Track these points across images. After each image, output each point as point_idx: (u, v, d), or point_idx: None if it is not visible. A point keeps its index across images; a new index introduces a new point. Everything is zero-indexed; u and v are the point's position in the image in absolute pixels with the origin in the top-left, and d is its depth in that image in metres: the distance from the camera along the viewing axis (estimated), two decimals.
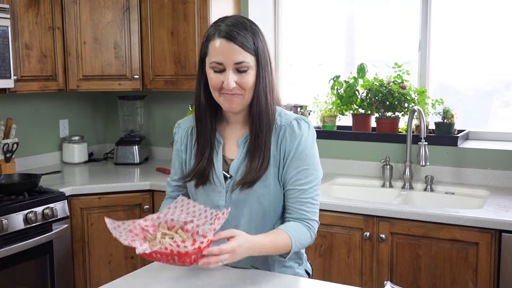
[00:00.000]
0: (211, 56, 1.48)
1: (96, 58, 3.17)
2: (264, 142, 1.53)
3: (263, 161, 1.52)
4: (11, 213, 2.46)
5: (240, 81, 1.47)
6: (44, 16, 2.96)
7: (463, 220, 2.19)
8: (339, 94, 3.12)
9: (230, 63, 1.46)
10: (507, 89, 3.03)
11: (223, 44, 1.45)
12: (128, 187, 2.91)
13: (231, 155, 1.60)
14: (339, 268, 2.46)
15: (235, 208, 1.55)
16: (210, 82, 1.50)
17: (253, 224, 1.57)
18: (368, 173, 3.01)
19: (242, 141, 1.58)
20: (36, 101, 3.35)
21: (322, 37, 3.43)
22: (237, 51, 1.45)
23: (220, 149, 1.59)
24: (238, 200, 1.56)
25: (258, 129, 1.53)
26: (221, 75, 1.47)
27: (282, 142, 1.54)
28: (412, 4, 3.09)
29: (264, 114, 1.52)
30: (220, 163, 1.58)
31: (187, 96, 3.47)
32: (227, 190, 1.57)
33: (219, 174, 1.57)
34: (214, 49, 1.47)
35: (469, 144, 2.88)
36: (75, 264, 2.84)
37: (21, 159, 3.21)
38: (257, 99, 1.52)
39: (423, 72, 3.07)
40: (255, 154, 1.53)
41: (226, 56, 1.45)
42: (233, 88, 1.47)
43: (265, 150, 1.53)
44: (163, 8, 3.14)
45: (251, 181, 1.52)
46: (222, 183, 1.57)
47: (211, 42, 1.48)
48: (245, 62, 1.46)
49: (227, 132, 1.62)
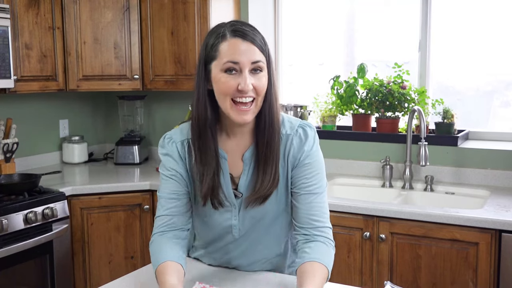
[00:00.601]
0: (223, 57, 1.35)
1: (96, 58, 3.17)
2: (275, 153, 1.43)
3: (274, 176, 1.43)
4: (11, 213, 2.46)
5: (256, 83, 1.36)
6: (44, 16, 2.96)
7: (463, 220, 2.19)
8: (339, 94, 3.12)
9: (247, 63, 1.34)
10: (507, 89, 3.03)
11: (238, 43, 1.35)
12: (128, 187, 2.91)
13: (237, 172, 1.48)
14: (339, 268, 2.46)
15: (248, 224, 1.52)
16: (220, 88, 1.36)
17: (267, 236, 1.56)
18: (368, 173, 3.01)
19: (248, 156, 1.47)
20: (36, 101, 3.35)
21: (322, 37, 3.43)
22: (254, 50, 1.36)
23: (226, 166, 1.47)
24: (250, 216, 1.50)
25: (270, 139, 1.42)
26: (235, 78, 1.35)
27: (290, 151, 1.47)
28: (412, 4, 3.09)
29: (275, 122, 1.43)
30: (229, 182, 1.47)
31: (187, 96, 3.47)
32: (238, 209, 1.49)
33: (228, 194, 1.47)
34: (227, 49, 1.35)
35: (469, 144, 2.88)
36: (75, 264, 2.84)
37: (21, 159, 3.21)
38: (269, 106, 1.41)
39: (423, 72, 3.07)
40: (266, 168, 1.43)
41: (243, 55, 1.34)
42: (249, 91, 1.35)
43: (276, 162, 1.43)
44: (163, 8, 3.14)
45: (263, 197, 1.44)
46: (233, 202, 1.49)
47: (222, 44, 1.36)
48: (261, 61, 1.37)
49: (228, 145, 1.48)
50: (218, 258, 1.63)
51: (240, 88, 1.34)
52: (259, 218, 1.51)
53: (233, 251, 1.58)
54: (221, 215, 1.50)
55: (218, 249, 1.60)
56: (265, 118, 1.42)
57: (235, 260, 1.60)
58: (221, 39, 1.36)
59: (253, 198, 1.45)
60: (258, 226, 1.53)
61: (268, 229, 1.55)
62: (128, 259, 2.94)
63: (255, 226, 1.53)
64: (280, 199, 1.50)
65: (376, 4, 3.27)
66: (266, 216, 1.51)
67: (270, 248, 1.59)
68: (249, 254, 1.58)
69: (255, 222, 1.52)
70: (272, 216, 1.52)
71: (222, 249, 1.59)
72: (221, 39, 1.36)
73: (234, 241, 1.55)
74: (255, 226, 1.53)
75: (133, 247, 2.94)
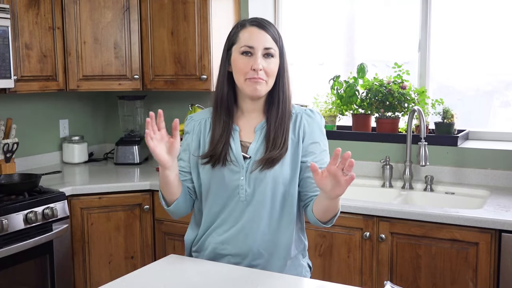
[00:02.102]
0: (241, 42, 1.61)
1: (96, 58, 3.17)
2: (285, 125, 1.63)
3: (283, 142, 1.61)
4: (11, 213, 2.46)
5: (266, 66, 1.60)
6: (44, 16, 2.96)
7: (463, 220, 2.19)
8: (339, 94, 3.12)
9: (260, 48, 1.59)
10: (507, 89, 3.03)
11: (255, 31, 1.61)
12: (128, 187, 2.91)
13: (248, 139, 1.67)
14: (339, 268, 2.46)
15: (255, 188, 1.61)
16: (237, 67, 1.61)
17: (274, 206, 1.63)
18: (368, 173, 3.01)
19: (259, 127, 1.66)
20: (36, 101, 3.35)
21: (322, 37, 3.43)
22: (267, 38, 1.61)
23: (236, 135, 1.66)
24: (257, 179, 1.61)
25: (280, 113, 1.63)
26: (249, 59, 1.59)
27: (300, 126, 1.66)
28: (412, 4, 3.09)
29: (286, 101, 1.65)
30: (238, 145, 1.65)
31: (187, 96, 3.47)
32: (246, 169, 1.62)
33: (237, 155, 1.63)
34: (246, 35, 1.61)
35: (469, 144, 2.88)
36: (75, 264, 2.84)
37: (21, 159, 3.21)
38: (281, 86, 1.65)
39: (423, 72, 3.07)
40: (276, 136, 1.62)
41: (257, 41, 1.60)
42: (260, 70, 1.57)
43: (285, 132, 1.63)
44: (163, 8, 3.14)
45: (271, 160, 1.59)
46: (242, 163, 1.63)
47: (242, 31, 1.63)
48: (272, 48, 1.61)
49: (242, 121, 1.69)
50: (227, 229, 1.65)
51: (253, 67, 1.58)
52: (265, 183, 1.61)
53: (240, 219, 1.63)
54: (230, 175, 1.63)
55: (227, 218, 1.65)
56: (277, 96, 1.65)
57: (242, 232, 1.63)
58: (241, 28, 1.64)
59: (261, 160, 1.60)
60: (264, 191, 1.61)
61: (273, 200, 1.62)
62: (128, 259, 2.94)
63: (261, 190, 1.62)
64: (286, 168, 1.62)
65: (376, 4, 3.27)
66: (273, 182, 1.61)
67: (275, 222, 1.64)
68: (256, 223, 1.62)
69: (262, 186, 1.61)
70: (279, 183, 1.61)
71: (231, 216, 1.64)
72: (241, 27, 1.64)
73: (242, 206, 1.63)
74: (261, 190, 1.62)
75: (133, 247, 2.94)
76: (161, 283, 1.51)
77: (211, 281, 1.52)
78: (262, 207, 1.62)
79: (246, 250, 1.63)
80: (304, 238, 1.76)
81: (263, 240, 1.64)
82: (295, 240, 1.69)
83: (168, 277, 1.55)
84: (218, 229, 1.67)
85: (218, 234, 1.66)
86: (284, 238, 1.66)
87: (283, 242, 1.66)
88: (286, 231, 1.65)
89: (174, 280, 1.53)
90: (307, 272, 1.76)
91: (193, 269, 1.61)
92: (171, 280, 1.53)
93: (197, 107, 3.12)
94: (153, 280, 1.54)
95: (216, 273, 1.58)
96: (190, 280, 1.52)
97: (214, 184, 1.65)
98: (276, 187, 1.62)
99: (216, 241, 1.67)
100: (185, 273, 1.57)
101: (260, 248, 1.64)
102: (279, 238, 1.65)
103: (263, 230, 1.63)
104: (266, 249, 1.64)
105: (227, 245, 1.65)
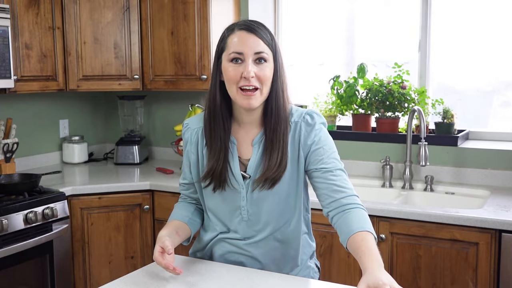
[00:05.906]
0: (230, 48, 1.50)
1: (96, 58, 3.17)
2: (282, 138, 1.52)
3: (282, 158, 1.51)
4: (11, 213, 2.46)
5: (259, 73, 1.48)
6: (44, 16, 2.96)
7: (463, 220, 2.19)
8: (339, 94, 3.12)
9: (250, 53, 1.47)
10: (507, 89, 3.03)
11: (243, 35, 1.49)
12: (128, 187, 2.91)
13: (246, 155, 1.58)
14: (339, 268, 2.46)
15: (256, 207, 1.56)
16: (228, 76, 1.50)
17: (272, 218, 1.58)
18: (368, 173, 3.01)
19: (257, 141, 1.56)
20: (36, 101, 3.35)
21: (322, 37, 3.43)
22: (257, 42, 1.49)
23: (235, 150, 1.56)
24: (259, 199, 1.55)
25: (276, 125, 1.52)
26: (240, 67, 1.48)
27: (300, 137, 1.55)
28: (412, 4, 3.09)
29: (281, 109, 1.53)
30: (237, 164, 1.56)
31: (187, 96, 3.47)
32: (247, 189, 1.55)
33: (237, 175, 1.55)
34: (234, 40, 1.49)
35: (469, 144, 2.88)
36: (75, 264, 2.84)
37: (21, 159, 3.22)
38: (275, 94, 1.52)
39: (423, 72, 3.07)
40: (273, 151, 1.51)
41: (247, 46, 1.48)
42: (252, 77, 1.46)
43: (283, 146, 1.52)
44: (163, 8, 3.14)
45: (271, 180, 1.51)
46: (241, 183, 1.55)
47: (230, 36, 1.51)
48: (264, 52, 1.49)
49: (239, 133, 1.59)
50: (233, 241, 1.63)
51: (244, 75, 1.46)
52: (266, 201, 1.55)
53: (245, 234, 1.60)
54: (231, 196, 1.57)
55: (232, 233, 1.62)
56: (272, 106, 1.53)
57: (249, 246, 1.61)
58: (229, 33, 1.52)
59: (260, 180, 1.52)
60: (265, 208, 1.56)
61: (274, 211, 1.57)
62: (128, 259, 2.94)
63: (262, 209, 1.56)
64: (288, 183, 1.55)
65: (376, 4, 3.27)
66: (273, 198, 1.55)
67: (281, 236, 1.60)
68: (262, 240, 1.59)
69: (263, 204, 1.56)
70: (280, 199, 1.56)
71: (236, 233, 1.61)
72: (229, 32, 1.52)
73: (245, 225, 1.59)
74: (262, 208, 1.56)
75: (133, 247, 2.94)
76: (161, 283, 1.51)
77: (211, 281, 1.52)
78: (267, 224, 1.58)
79: (252, 263, 1.62)
80: (312, 241, 1.72)
81: (270, 255, 1.61)
82: (303, 247, 1.66)
83: (168, 277, 1.55)
84: (225, 240, 1.64)
85: (226, 242, 1.65)
86: (292, 250, 1.63)
87: (291, 254, 1.63)
88: (293, 242, 1.62)
89: (174, 280, 1.53)
90: (315, 273, 1.73)
91: (193, 269, 1.61)
92: (171, 280, 1.53)
93: (197, 107, 3.12)
94: (153, 280, 1.54)
95: (216, 273, 1.58)
96: (190, 280, 1.52)
97: (216, 205, 1.62)
98: (279, 204, 1.57)
99: (225, 249, 1.66)
100: (185, 273, 1.57)
101: (267, 260, 1.62)
102: (287, 251, 1.62)
103: (271, 245, 1.61)
104: (273, 261, 1.63)
105: (234, 253, 1.64)
